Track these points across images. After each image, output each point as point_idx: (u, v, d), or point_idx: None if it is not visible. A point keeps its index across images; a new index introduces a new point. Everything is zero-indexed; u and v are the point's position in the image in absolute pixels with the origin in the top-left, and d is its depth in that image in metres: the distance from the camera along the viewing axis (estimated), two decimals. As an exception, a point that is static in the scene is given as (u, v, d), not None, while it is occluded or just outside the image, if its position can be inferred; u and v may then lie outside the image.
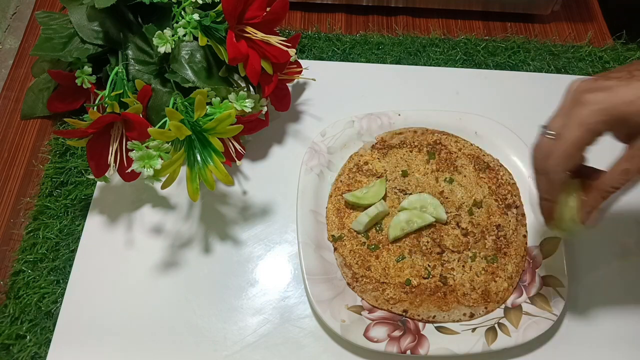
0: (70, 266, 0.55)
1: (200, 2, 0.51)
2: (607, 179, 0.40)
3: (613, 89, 0.36)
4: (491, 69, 0.70)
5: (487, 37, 0.73)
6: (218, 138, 0.48)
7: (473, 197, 0.58)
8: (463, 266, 0.54)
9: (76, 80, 0.58)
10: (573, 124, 0.37)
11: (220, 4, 0.49)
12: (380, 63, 0.70)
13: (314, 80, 0.66)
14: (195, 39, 0.51)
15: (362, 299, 0.53)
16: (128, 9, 0.58)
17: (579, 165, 0.41)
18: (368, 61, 0.70)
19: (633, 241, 0.58)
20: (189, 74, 0.54)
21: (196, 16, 0.50)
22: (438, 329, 0.51)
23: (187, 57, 0.55)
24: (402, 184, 0.59)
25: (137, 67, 0.58)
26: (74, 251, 0.56)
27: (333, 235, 0.56)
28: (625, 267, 0.56)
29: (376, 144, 0.61)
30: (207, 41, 0.51)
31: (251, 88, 0.58)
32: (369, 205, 0.56)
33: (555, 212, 0.43)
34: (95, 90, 0.60)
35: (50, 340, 0.51)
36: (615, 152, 0.40)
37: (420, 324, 0.51)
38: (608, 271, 0.56)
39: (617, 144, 0.40)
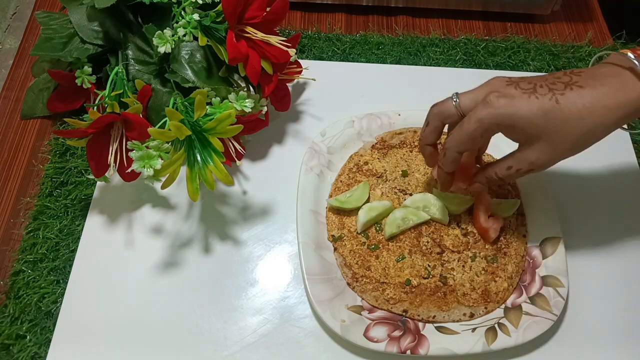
0: (70, 266, 0.55)
1: (200, 2, 0.51)
2: (495, 167, 0.47)
3: (514, 99, 0.41)
4: (491, 69, 0.70)
5: (487, 37, 0.73)
6: (218, 138, 0.48)
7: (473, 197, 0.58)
8: (463, 266, 0.54)
9: (76, 80, 0.58)
10: (473, 118, 0.43)
11: (220, 4, 0.49)
12: (380, 63, 0.70)
13: (314, 80, 0.66)
14: (195, 39, 0.51)
15: (362, 299, 0.53)
16: (128, 9, 0.58)
17: (472, 149, 0.48)
18: (368, 61, 0.70)
19: (633, 241, 0.58)
20: (189, 74, 0.54)
21: (196, 16, 0.50)
22: (438, 329, 0.51)
23: (187, 57, 0.55)
24: (402, 184, 0.59)
25: (137, 67, 0.58)
26: (74, 251, 0.56)
27: (333, 235, 0.56)
28: (625, 267, 0.56)
29: (376, 144, 0.61)
30: (207, 41, 0.51)
31: (251, 88, 0.58)
32: (353, 209, 0.56)
33: (444, 177, 0.50)
34: (95, 90, 0.60)
35: (50, 340, 0.51)
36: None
37: (420, 324, 0.51)
38: (608, 271, 0.56)
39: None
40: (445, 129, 0.50)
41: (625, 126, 0.43)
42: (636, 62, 0.39)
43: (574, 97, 0.40)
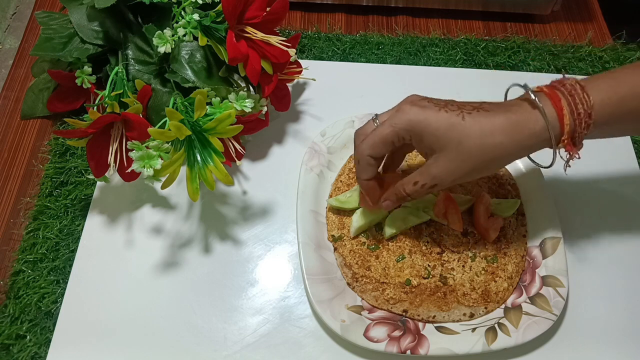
0: (70, 266, 0.55)
1: (200, 2, 0.51)
2: (402, 183, 0.48)
3: (425, 109, 0.43)
4: (491, 69, 0.70)
5: (487, 37, 0.73)
6: (218, 138, 0.48)
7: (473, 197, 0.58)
8: (463, 266, 0.54)
9: (76, 80, 0.58)
10: (387, 123, 0.45)
11: (220, 4, 0.49)
12: (380, 63, 0.70)
13: (314, 80, 0.66)
14: (195, 39, 0.51)
15: (362, 299, 0.53)
16: (128, 9, 0.58)
17: (383, 157, 0.49)
18: (368, 61, 0.70)
19: (633, 241, 0.58)
20: (189, 74, 0.54)
21: (196, 16, 0.50)
22: (438, 329, 0.51)
23: (187, 57, 0.55)
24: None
25: (137, 67, 0.58)
26: (74, 251, 0.56)
27: (333, 235, 0.56)
28: (625, 266, 0.56)
29: (376, 144, 0.61)
30: (207, 41, 0.51)
31: (251, 88, 0.58)
32: (353, 209, 0.56)
33: (373, 189, 0.51)
34: (95, 90, 0.60)
35: (50, 340, 0.51)
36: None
37: (420, 324, 0.51)
38: (608, 271, 0.56)
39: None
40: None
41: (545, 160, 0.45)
42: (533, 95, 0.42)
43: (480, 117, 0.42)
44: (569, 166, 0.44)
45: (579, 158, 0.43)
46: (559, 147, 0.42)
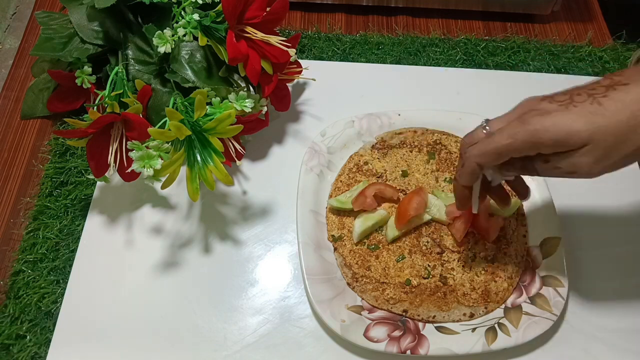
0: (70, 266, 0.55)
1: (200, 2, 0.51)
2: (534, 166, 0.42)
3: (551, 114, 0.38)
4: (491, 69, 0.70)
5: (487, 37, 0.73)
6: (218, 138, 0.48)
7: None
8: (463, 266, 0.54)
9: (76, 80, 0.58)
10: (506, 133, 0.40)
11: (220, 4, 0.49)
12: (380, 63, 0.70)
13: (314, 80, 0.66)
14: (195, 39, 0.51)
15: (362, 299, 0.53)
16: (128, 9, 0.58)
17: (493, 165, 0.42)
18: (368, 61, 0.70)
19: (633, 241, 0.58)
20: (189, 74, 0.54)
21: (196, 16, 0.50)
22: (438, 329, 0.51)
23: (187, 57, 0.55)
24: (402, 184, 0.59)
25: (137, 67, 0.58)
26: (74, 251, 0.56)
27: (333, 235, 0.56)
28: (625, 266, 0.56)
29: (376, 144, 0.61)
30: (207, 41, 0.51)
31: (251, 88, 0.58)
32: (353, 209, 0.55)
33: (466, 197, 0.47)
34: (95, 90, 0.60)
35: (50, 340, 0.51)
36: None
37: (420, 324, 0.51)
38: (608, 271, 0.56)
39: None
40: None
41: None
42: None
43: (620, 95, 0.36)
44: None
45: None
46: None
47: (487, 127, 0.42)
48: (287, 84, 0.63)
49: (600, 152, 0.37)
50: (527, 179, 0.59)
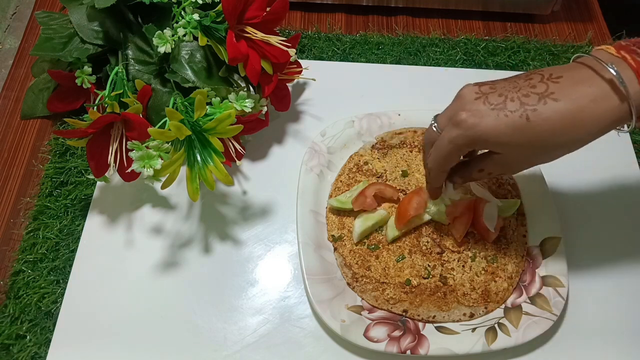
0: (70, 266, 0.55)
1: (200, 2, 0.51)
2: (470, 169, 0.47)
3: (483, 118, 0.39)
4: (491, 69, 0.70)
5: (487, 37, 0.73)
6: (218, 138, 0.48)
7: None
8: (463, 266, 0.54)
9: (76, 80, 0.58)
10: (445, 139, 0.42)
11: (220, 4, 0.49)
12: (380, 63, 0.70)
13: (314, 80, 0.66)
14: (195, 39, 0.51)
15: (362, 299, 0.53)
16: (128, 9, 0.58)
17: (455, 163, 0.46)
18: (368, 61, 0.70)
19: (633, 241, 0.58)
20: (189, 74, 0.54)
21: (196, 16, 0.50)
22: (438, 329, 0.51)
23: (187, 57, 0.55)
24: (402, 184, 0.59)
25: (137, 67, 0.58)
26: (74, 251, 0.56)
27: (333, 235, 0.56)
28: (625, 266, 0.56)
29: (376, 144, 0.61)
30: (207, 41, 0.51)
31: (251, 88, 0.58)
32: (353, 209, 0.55)
33: (434, 191, 0.51)
34: (95, 90, 0.60)
35: (50, 340, 0.51)
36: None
37: (420, 324, 0.51)
38: (608, 271, 0.56)
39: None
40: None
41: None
42: (615, 74, 0.37)
43: (548, 113, 0.38)
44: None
45: None
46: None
47: (435, 125, 0.45)
48: (287, 84, 0.63)
49: (521, 157, 0.41)
50: (528, 178, 0.59)
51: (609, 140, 0.42)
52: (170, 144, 0.48)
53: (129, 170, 0.49)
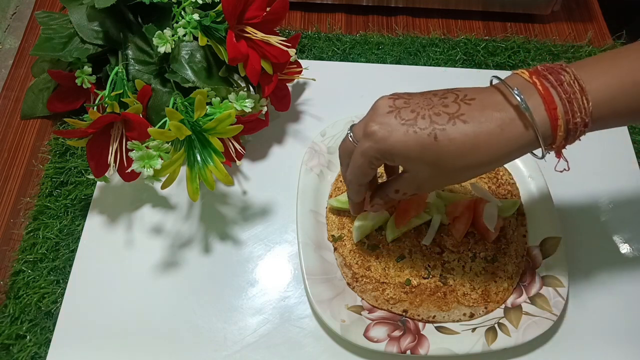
0: (70, 266, 0.55)
1: (200, 2, 0.51)
2: (385, 191, 0.46)
3: (392, 132, 0.39)
4: (491, 69, 0.70)
5: (487, 37, 0.73)
6: (218, 138, 0.48)
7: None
8: (463, 266, 0.54)
9: (76, 80, 0.58)
10: (358, 151, 0.42)
11: (220, 4, 0.49)
12: (380, 63, 0.70)
13: (314, 80, 0.66)
14: (195, 39, 0.51)
15: (362, 299, 0.53)
16: (128, 9, 0.58)
17: (370, 177, 0.45)
18: (368, 61, 0.70)
19: (633, 241, 0.58)
20: (189, 74, 0.54)
21: (196, 16, 0.50)
22: (438, 329, 0.51)
23: (187, 57, 0.55)
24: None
25: (137, 67, 0.58)
26: (74, 251, 0.56)
27: (333, 235, 0.56)
28: (625, 266, 0.56)
29: (376, 144, 0.61)
30: (207, 41, 0.51)
31: (251, 88, 0.58)
32: None
33: (356, 207, 0.51)
34: (95, 90, 0.60)
35: (50, 340, 0.51)
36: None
37: (420, 324, 0.51)
38: (608, 271, 0.56)
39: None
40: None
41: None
42: (520, 100, 0.36)
43: (455, 134, 0.37)
44: (565, 170, 0.42)
45: (568, 170, 0.41)
46: (547, 151, 0.39)
47: (351, 133, 0.44)
48: (287, 84, 0.63)
49: (429, 177, 0.40)
50: (528, 178, 0.59)
51: (609, 140, 0.43)
52: (170, 144, 0.48)
53: (129, 170, 0.49)
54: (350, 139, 0.44)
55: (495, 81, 0.40)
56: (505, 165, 0.60)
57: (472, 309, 0.52)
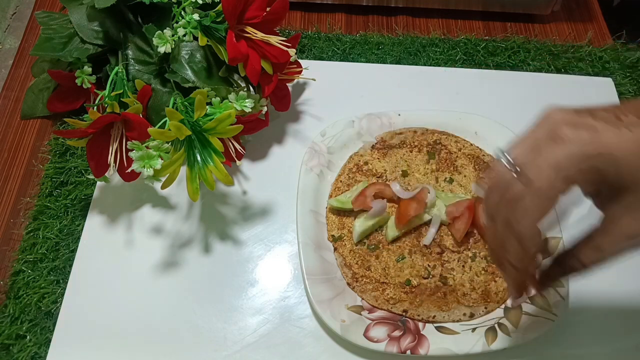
0: (70, 266, 0.55)
1: (200, 2, 0.51)
2: (577, 255, 0.33)
3: (598, 132, 0.29)
4: (491, 69, 0.70)
5: (487, 37, 0.73)
6: (218, 138, 0.48)
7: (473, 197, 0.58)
8: (463, 266, 0.54)
9: (76, 80, 0.58)
10: (546, 167, 0.29)
11: (220, 4, 0.49)
12: (380, 63, 0.70)
13: (314, 80, 0.66)
14: (195, 39, 0.51)
15: (362, 299, 0.53)
16: (128, 9, 0.58)
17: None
18: (368, 61, 0.70)
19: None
20: (189, 74, 0.54)
21: (196, 16, 0.50)
22: (438, 329, 0.51)
23: (187, 57, 0.55)
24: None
25: (137, 67, 0.58)
26: (74, 251, 0.56)
27: (333, 235, 0.56)
28: (625, 266, 0.56)
29: (376, 144, 0.61)
30: (207, 41, 0.51)
31: (251, 88, 0.58)
32: (353, 210, 0.55)
33: (524, 285, 0.34)
34: (95, 90, 0.60)
35: (50, 340, 0.51)
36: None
37: (420, 324, 0.51)
38: (608, 270, 0.56)
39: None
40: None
41: None
42: None
43: None
44: None
45: None
46: None
47: (510, 159, 0.31)
48: (287, 84, 0.63)
49: None
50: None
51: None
52: (170, 144, 0.48)
53: (129, 170, 0.49)
54: (510, 169, 0.30)
55: None
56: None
57: (472, 309, 0.52)
